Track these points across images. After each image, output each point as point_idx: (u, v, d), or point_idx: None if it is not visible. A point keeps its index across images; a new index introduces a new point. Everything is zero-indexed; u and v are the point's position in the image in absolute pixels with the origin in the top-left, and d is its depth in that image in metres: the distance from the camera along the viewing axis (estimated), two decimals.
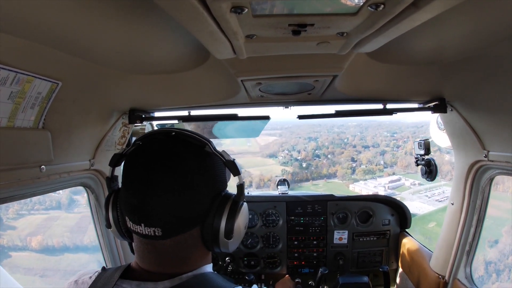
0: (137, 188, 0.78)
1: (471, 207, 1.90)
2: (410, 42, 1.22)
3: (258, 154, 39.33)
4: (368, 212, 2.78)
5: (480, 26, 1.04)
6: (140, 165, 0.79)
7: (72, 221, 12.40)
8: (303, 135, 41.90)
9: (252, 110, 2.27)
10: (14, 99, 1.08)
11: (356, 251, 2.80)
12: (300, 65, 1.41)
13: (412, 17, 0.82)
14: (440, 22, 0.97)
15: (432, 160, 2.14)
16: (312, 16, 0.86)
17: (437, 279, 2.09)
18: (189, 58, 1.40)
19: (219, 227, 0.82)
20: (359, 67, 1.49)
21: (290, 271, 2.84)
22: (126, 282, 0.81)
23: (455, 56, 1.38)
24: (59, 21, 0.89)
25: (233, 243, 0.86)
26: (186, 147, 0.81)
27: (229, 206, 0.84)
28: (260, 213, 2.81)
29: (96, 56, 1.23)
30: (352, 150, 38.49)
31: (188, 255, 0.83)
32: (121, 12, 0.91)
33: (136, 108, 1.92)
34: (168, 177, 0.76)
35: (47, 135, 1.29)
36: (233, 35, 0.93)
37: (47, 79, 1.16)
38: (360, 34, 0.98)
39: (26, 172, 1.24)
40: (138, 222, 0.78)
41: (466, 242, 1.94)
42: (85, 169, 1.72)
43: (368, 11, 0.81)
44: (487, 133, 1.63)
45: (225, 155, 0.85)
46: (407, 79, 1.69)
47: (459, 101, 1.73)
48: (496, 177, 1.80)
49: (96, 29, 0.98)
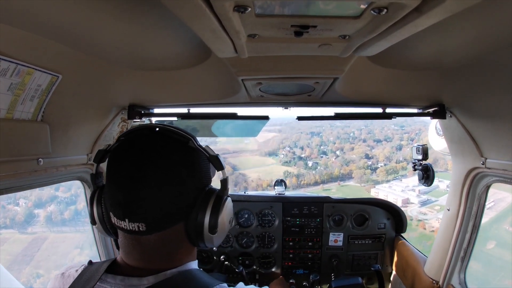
0: (121, 183, 0.78)
1: (467, 214, 1.90)
2: (411, 47, 1.23)
3: (256, 153, 35.35)
4: (364, 215, 2.78)
5: (481, 33, 1.04)
6: (124, 161, 0.79)
7: (21, 245, 11.02)
8: (304, 130, 37.73)
9: (251, 110, 2.28)
10: (13, 90, 1.07)
11: (351, 254, 2.80)
12: (301, 67, 1.41)
13: (414, 23, 0.82)
14: (442, 28, 0.98)
15: (429, 166, 2.15)
16: (315, 18, 0.86)
17: (431, 284, 2.09)
18: (190, 56, 1.39)
19: (203, 222, 0.83)
20: (359, 70, 1.49)
21: (285, 271, 2.84)
22: (111, 276, 0.81)
23: (455, 62, 1.38)
24: (61, 14, 0.89)
25: (218, 237, 0.87)
26: (170, 142, 0.82)
27: (213, 200, 0.84)
28: (256, 213, 2.81)
29: (97, 50, 1.23)
30: (363, 146, 33.84)
31: (172, 251, 0.84)
32: (123, 7, 0.91)
33: (136, 104, 1.91)
34: (152, 172, 0.76)
35: (46, 128, 1.29)
36: (235, 34, 0.93)
37: (47, 72, 1.16)
38: (362, 37, 0.98)
39: (23, 164, 1.23)
40: (122, 217, 0.78)
41: (461, 248, 1.95)
42: (83, 163, 1.72)
43: (371, 15, 0.81)
44: (485, 141, 1.64)
45: (208, 150, 0.86)
46: (407, 84, 1.69)
47: (458, 107, 1.74)
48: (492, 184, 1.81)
49: (98, 24, 0.98)
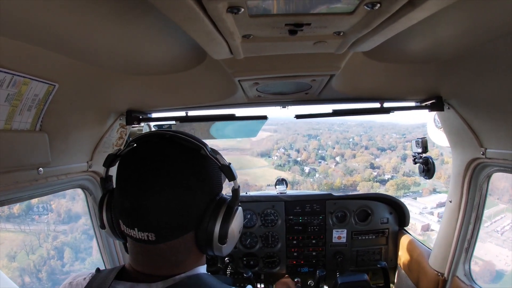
0: (130, 191, 0.77)
1: (469, 205, 1.90)
2: (406, 40, 1.23)
3: (247, 152, 32.40)
4: (366, 211, 2.79)
5: (476, 24, 1.04)
6: (134, 168, 0.78)
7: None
8: (301, 132, 35.28)
9: (249, 110, 2.28)
10: (11, 101, 1.07)
11: (355, 250, 2.81)
12: (297, 65, 1.41)
13: (408, 16, 0.82)
14: (436, 20, 0.98)
15: (429, 159, 2.15)
16: (309, 15, 0.86)
17: (436, 277, 2.10)
18: (186, 59, 1.39)
19: (213, 231, 0.81)
20: (356, 66, 1.49)
21: (289, 270, 2.84)
22: (121, 283, 0.81)
23: (451, 54, 1.39)
24: (55, 23, 0.89)
25: (227, 247, 0.85)
26: (181, 150, 0.80)
27: (223, 210, 0.83)
28: (259, 213, 2.81)
29: (93, 57, 1.23)
30: (366, 153, 30.33)
31: (181, 259, 0.82)
32: (117, 13, 0.91)
33: (133, 109, 1.91)
34: (162, 181, 0.75)
35: (45, 137, 1.29)
36: (229, 35, 0.93)
37: (44, 81, 1.16)
38: (357, 33, 0.98)
39: (23, 174, 1.23)
40: (132, 226, 0.77)
41: (465, 239, 1.95)
42: (83, 171, 1.71)
43: (364, 10, 0.81)
44: (484, 131, 1.64)
45: (220, 159, 0.83)
46: (404, 77, 1.69)
47: (456, 99, 1.74)
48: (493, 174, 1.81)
49: (92, 31, 0.98)
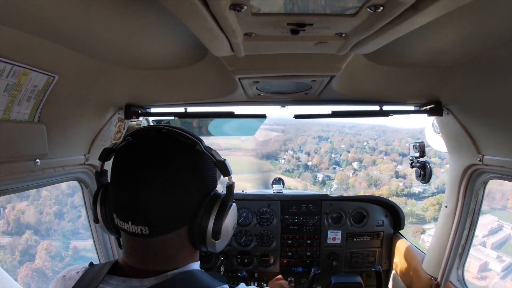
0: (125, 185, 0.77)
1: (465, 210, 1.91)
2: (408, 44, 1.23)
3: (251, 153, 28.56)
4: (362, 213, 2.79)
5: (477, 31, 1.05)
6: (129, 162, 0.78)
7: None
8: (311, 134, 31.13)
9: (248, 108, 2.28)
10: (10, 91, 1.07)
11: (350, 251, 2.81)
12: (298, 65, 1.41)
13: (411, 20, 0.82)
14: (438, 26, 0.98)
15: (427, 163, 2.16)
16: (311, 16, 0.86)
17: (430, 281, 2.11)
18: (187, 55, 1.39)
19: (207, 227, 0.81)
20: (356, 68, 1.49)
21: (283, 269, 2.85)
22: (113, 278, 0.81)
23: (452, 60, 1.39)
24: (57, 14, 0.89)
25: (220, 243, 0.86)
26: (176, 145, 0.80)
27: (217, 206, 0.83)
28: (255, 211, 2.81)
29: (93, 50, 1.22)
30: (387, 159, 25.50)
31: (174, 254, 0.83)
32: (119, 6, 0.90)
33: (132, 104, 1.91)
34: (157, 175, 0.75)
35: (43, 128, 1.28)
36: (231, 32, 0.93)
37: (44, 72, 1.15)
38: (359, 35, 0.98)
39: (20, 165, 1.23)
40: (126, 219, 0.77)
41: (459, 244, 1.96)
42: (80, 163, 1.71)
43: (367, 12, 0.81)
44: (482, 137, 1.64)
45: (215, 154, 0.84)
46: (404, 81, 1.70)
47: (455, 104, 1.74)
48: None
49: (94, 23, 0.97)
